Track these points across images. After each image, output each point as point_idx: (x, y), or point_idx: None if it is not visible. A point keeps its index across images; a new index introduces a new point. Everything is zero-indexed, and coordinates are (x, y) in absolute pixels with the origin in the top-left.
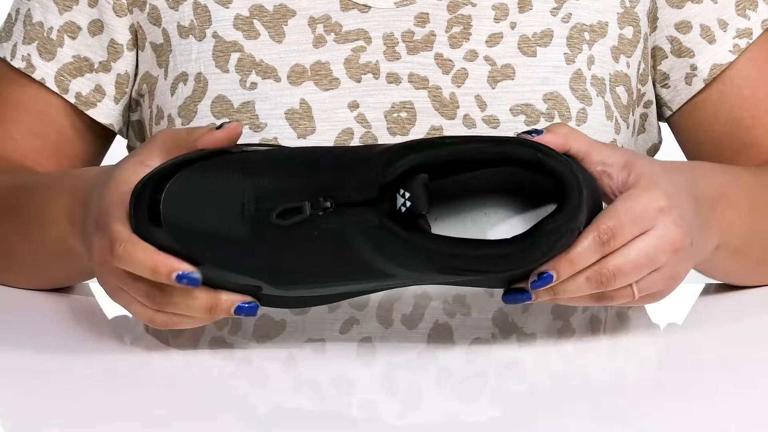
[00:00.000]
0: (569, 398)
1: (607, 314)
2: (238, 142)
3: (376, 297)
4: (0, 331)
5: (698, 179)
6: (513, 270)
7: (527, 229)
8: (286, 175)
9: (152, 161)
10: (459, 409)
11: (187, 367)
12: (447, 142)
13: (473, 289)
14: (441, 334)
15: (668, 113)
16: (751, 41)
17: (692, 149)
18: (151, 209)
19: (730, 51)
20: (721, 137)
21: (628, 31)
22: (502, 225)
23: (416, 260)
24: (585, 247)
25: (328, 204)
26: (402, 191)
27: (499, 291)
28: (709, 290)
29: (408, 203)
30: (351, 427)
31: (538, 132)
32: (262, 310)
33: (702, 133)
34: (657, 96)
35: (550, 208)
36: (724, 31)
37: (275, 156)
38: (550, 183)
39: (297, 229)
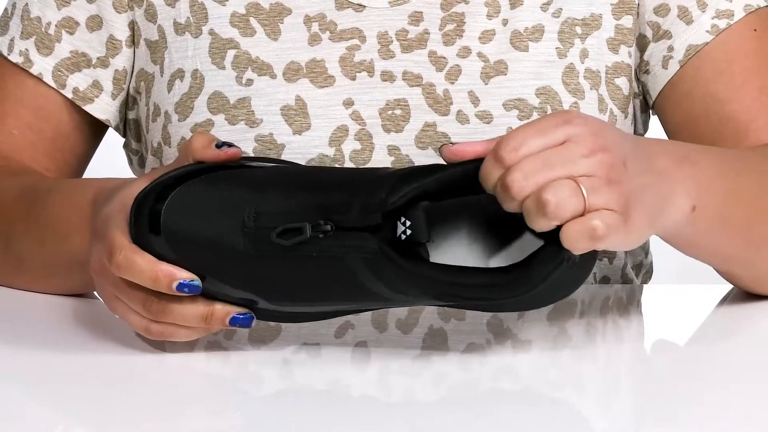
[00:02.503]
0: (563, 405)
1: (604, 321)
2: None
3: None
4: (3, 330)
5: (651, 143)
6: (510, 298)
7: (524, 257)
8: (288, 194)
9: None
10: (453, 415)
11: (182, 371)
12: (450, 167)
13: None
14: (436, 339)
15: (651, 101)
16: (731, 22)
17: (674, 132)
18: (152, 218)
19: (708, 31)
20: (698, 114)
21: (627, 20)
22: (500, 252)
23: (413, 287)
24: (484, 166)
25: (329, 227)
26: (403, 219)
27: None
28: (706, 301)
29: (408, 231)
30: (345, 430)
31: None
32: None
33: (680, 112)
34: (642, 84)
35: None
36: (703, 12)
37: (279, 173)
38: None
39: (296, 249)
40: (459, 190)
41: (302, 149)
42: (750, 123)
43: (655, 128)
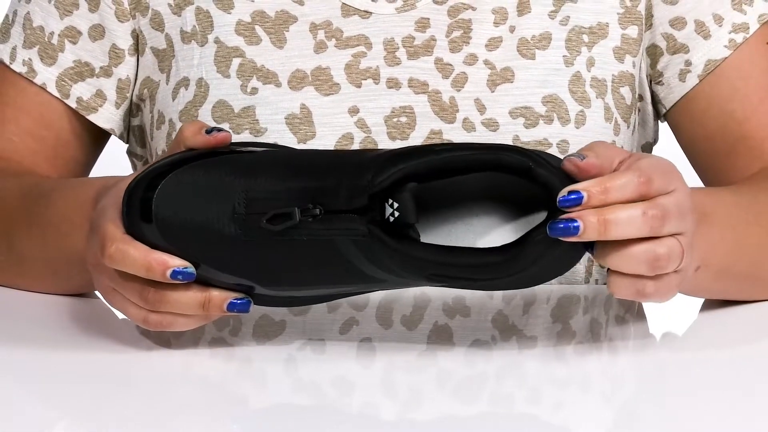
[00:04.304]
0: (568, 401)
1: (608, 318)
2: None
3: (375, 298)
4: (4, 330)
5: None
6: (501, 278)
7: (517, 237)
8: (277, 179)
9: None
10: (458, 411)
11: (187, 368)
12: (437, 149)
13: (473, 291)
14: (441, 336)
15: (663, 110)
16: (748, 35)
17: (689, 146)
18: (143, 207)
19: (726, 46)
20: (714, 131)
21: (633, 30)
22: (493, 232)
23: (405, 268)
24: (623, 181)
25: (317, 211)
26: (390, 201)
27: (498, 293)
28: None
29: (396, 213)
30: (350, 428)
31: (581, 157)
32: (262, 310)
33: (696, 128)
34: (652, 93)
35: (541, 216)
36: (720, 26)
37: (268, 158)
38: (540, 191)
39: (287, 234)
40: (447, 172)
41: None
42: (765, 140)
43: (664, 136)
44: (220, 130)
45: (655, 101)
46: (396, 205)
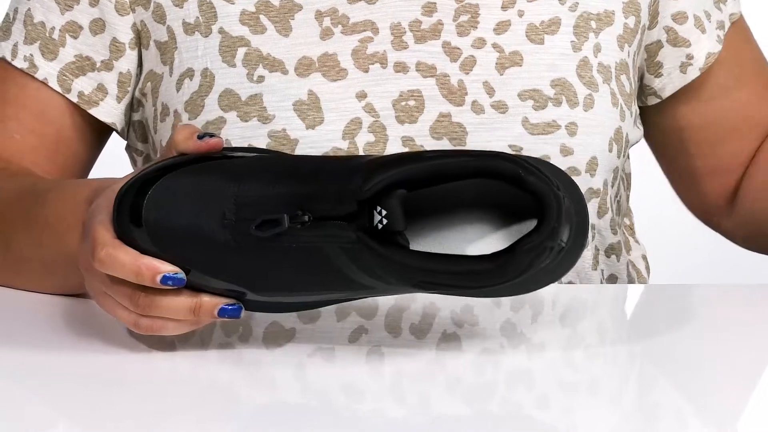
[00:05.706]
0: (578, 407)
1: (616, 320)
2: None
3: (384, 306)
4: (3, 331)
5: None
6: (490, 286)
7: (506, 245)
8: (267, 184)
9: None
10: (468, 418)
11: (195, 373)
12: (426, 156)
13: (481, 299)
14: (449, 344)
15: (655, 101)
16: (724, 33)
17: (671, 135)
18: (133, 212)
19: (717, 41)
20: (713, 119)
21: (631, 21)
22: (482, 240)
23: (393, 275)
24: None
25: (306, 217)
26: (379, 208)
27: (506, 300)
28: (723, 299)
29: (385, 221)
30: None
31: None
32: (272, 316)
33: (694, 116)
34: (645, 86)
35: (532, 224)
36: (710, 22)
37: (259, 163)
38: (530, 199)
39: (276, 240)
40: (437, 179)
41: (316, 144)
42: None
43: None
44: (212, 135)
45: (647, 93)
46: (384, 212)
